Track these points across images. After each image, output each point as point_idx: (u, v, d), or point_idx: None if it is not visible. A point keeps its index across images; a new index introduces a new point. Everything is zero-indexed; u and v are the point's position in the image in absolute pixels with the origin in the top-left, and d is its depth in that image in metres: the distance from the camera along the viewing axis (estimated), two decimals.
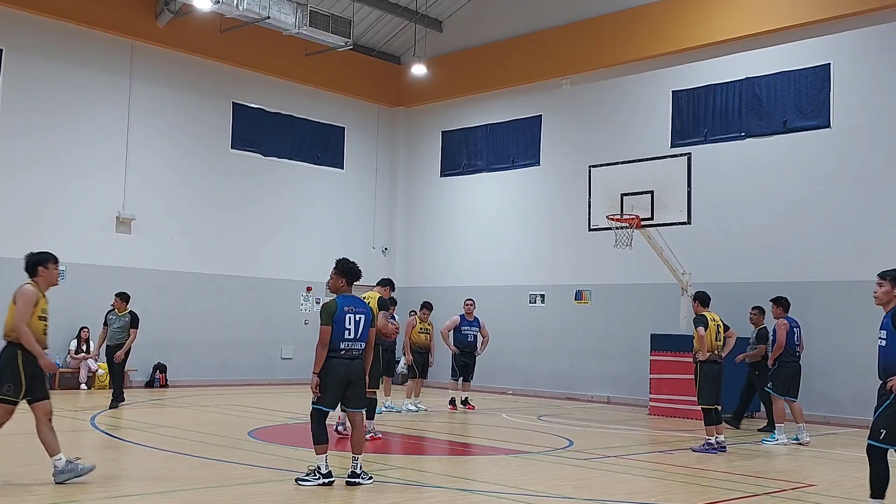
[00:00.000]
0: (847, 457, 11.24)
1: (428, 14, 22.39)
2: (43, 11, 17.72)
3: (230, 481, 8.00)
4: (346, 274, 8.10)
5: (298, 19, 18.58)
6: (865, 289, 15.54)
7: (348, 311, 7.87)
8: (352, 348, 7.90)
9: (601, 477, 8.99)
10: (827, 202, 16.29)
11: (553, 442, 11.58)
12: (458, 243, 22.44)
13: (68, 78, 18.25)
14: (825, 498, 8.06)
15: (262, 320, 20.84)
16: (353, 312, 7.89)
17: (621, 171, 16.18)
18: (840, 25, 16.32)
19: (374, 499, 7.38)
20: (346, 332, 7.84)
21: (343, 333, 7.84)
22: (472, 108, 22.38)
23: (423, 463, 9.94)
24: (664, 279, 16.72)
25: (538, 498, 7.59)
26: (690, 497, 7.87)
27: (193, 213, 20.02)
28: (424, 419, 14.07)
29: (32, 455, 8.99)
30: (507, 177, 21.57)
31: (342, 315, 7.80)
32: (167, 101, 19.74)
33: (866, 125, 15.98)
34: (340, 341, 7.85)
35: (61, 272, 17.83)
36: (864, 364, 15.46)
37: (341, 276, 8.10)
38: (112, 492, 7.42)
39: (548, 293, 20.34)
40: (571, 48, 20.12)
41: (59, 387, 17.18)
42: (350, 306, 7.89)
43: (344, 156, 23.04)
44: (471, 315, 16.02)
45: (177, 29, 19.39)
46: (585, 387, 19.32)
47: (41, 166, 17.78)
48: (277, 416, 13.84)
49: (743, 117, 17.49)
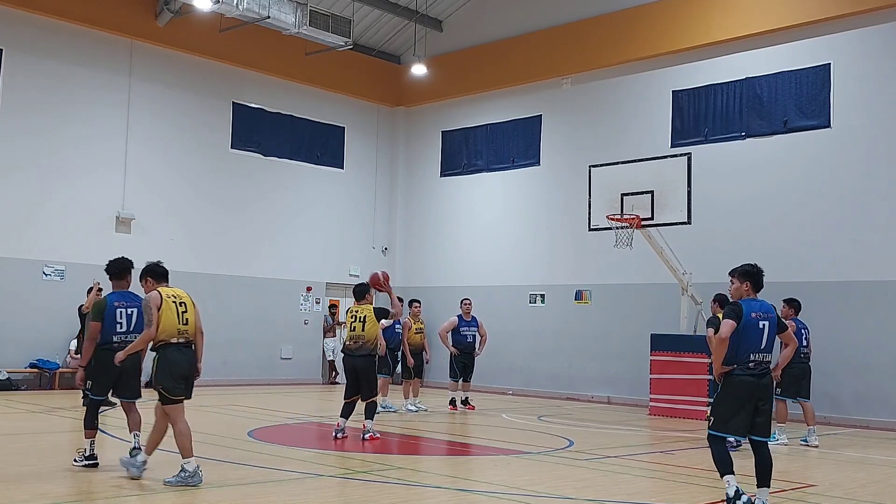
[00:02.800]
0: (848, 457, 11.24)
1: (428, 14, 22.38)
2: (43, 11, 17.72)
3: (230, 481, 8.00)
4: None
5: (298, 19, 18.58)
6: (865, 289, 15.67)
7: (119, 307, 8.41)
8: (125, 340, 8.32)
9: (601, 477, 8.98)
10: (827, 202, 16.29)
11: (553, 442, 11.57)
12: (458, 243, 22.43)
13: (68, 78, 18.25)
14: (826, 498, 8.05)
15: (262, 320, 20.83)
16: (125, 307, 8.41)
17: (621, 170, 16.18)
18: (840, 25, 16.32)
19: (374, 499, 7.37)
20: (119, 326, 8.37)
21: (115, 327, 8.38)
22: (472, 108, 22.38)
23: (423, 463, 9.94)
24: (664, 279, 16.72)
25: (538, 498, 7.59)
26: (690, 497, 7.86)
27: (193, 212, 20.02)
28: (424, 419, 14.06)
29: (32, 455, 8.99)
30: (507, 177, 21.57)
31: (112, 311, 8.34)
32: (167, 101, 19.73)
33: (866, 125, 15.98)
34: (113, 334, 8.39)
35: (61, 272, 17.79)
36: (864, 364, 15.51)
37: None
38: (112, 492, 7.41)
39: (548, 293, 20.34)
40: (571, 48, 20.11)
41: (59, 387, 17.20)
42: (122, 301, 8.41)
43: (344, 156, 23.04)
44: (468, 315, 15.92)
45: (177, 28, 19.38)
46: (585, 387, 19.31)
47: (41, 166, 17.78)
48: (277, 416, 13.84)
49: (743, 117, 17.48)
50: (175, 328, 7.78)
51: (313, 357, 22.06)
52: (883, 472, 9.97)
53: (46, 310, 17.38)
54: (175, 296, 7.91)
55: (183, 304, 7.91)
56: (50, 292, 17.50)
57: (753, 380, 6.87)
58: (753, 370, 6.88)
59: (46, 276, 17.62)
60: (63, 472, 8.00)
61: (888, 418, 15.05)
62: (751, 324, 6.92)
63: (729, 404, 6.91)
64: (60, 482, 7.72)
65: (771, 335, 6.97)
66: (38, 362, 17.28)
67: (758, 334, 6.90)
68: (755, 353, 6.88)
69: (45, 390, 17.09)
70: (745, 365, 6.89)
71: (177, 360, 7.79)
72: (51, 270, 17.68)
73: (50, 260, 17.68)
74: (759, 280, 7.17)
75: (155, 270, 8.17)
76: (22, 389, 16.93)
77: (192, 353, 7.95)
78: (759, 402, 6.85)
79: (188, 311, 7.90)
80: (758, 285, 7.17)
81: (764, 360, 6.93)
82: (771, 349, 6.98)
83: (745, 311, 6.96)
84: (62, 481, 7.77)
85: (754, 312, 6.97)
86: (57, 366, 17.42)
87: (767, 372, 6.94)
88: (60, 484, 7.63)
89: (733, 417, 6.86)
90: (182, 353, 7.84)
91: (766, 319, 6.97)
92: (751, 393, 6.85)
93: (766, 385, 6.90)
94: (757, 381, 6.87)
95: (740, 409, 6.84)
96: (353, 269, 22.94)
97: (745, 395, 6.86)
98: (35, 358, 17.30)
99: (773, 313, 7.05)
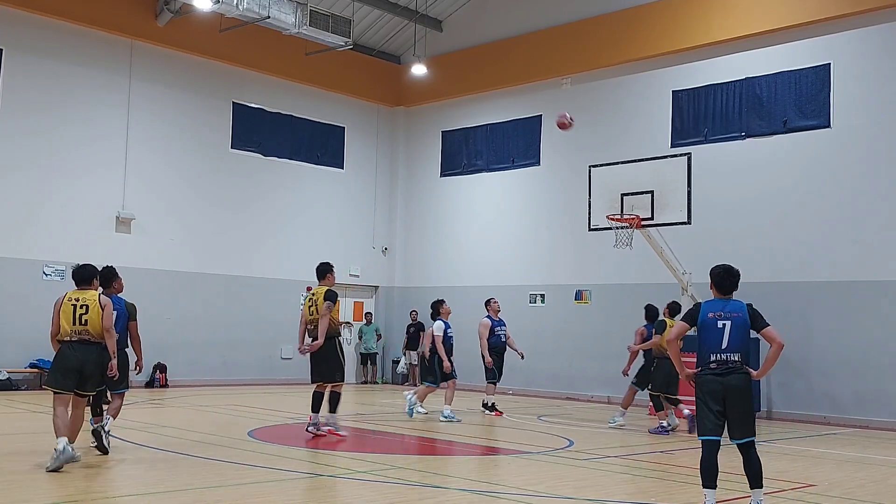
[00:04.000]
0: (847, 457, 11.24)
1: (428, 14, 22.38)
2: (43, 11, 17.72)
3: (230, 481, 8.00)
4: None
5: (298, 19, 18.58)
6: (866, 289, 15.66)
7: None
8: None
9: (601, 477, 8.98)
10: (827, 202, 16.29)
11: (553, 442, 11.57)
12: (458, 243, 22.43)
13: (68, 78, 18.25)
14: (825, 498, 8.05)
15: (262, 320, 20.82)
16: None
17: (621, 170, 16.16)
18: (840, 25, 16.32)
19: (374, 499, 7.38)
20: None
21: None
22: (472, 108, 22.38)
23: (424, 463, 9.94)
24: (664, 279, 16.71)
25: (538, 498, 7.59)
26: (690, 497, 7.86)
27: (193, 212, 20.02)
28: (422, 419, 14.03)
29: (32, 455, 8.99)
30: (508, 177, 21.57)
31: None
32: (167, 101, 19.73)
33: (866, 125, 15.98)
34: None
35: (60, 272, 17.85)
36: (864, 364, 15.51)
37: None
38: (112, 492, 7.42)
39: (548, 293, 20.34)
40: (571, 48, 20.11)
41: None
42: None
43: (344, 156, 23.04)
44: (497, 315, 15.34)
45: (177, 28, 19.38)
46: (585, 387, 19.31)
47: (41, 166, 17.79)
48: (277, 416, 13.84)
49: (743, 117, 17.48)
50: (68, 328, 8.53)
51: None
52: (882, 472, 9.97)
53: (46, 310, 17.07)
54: (78, 299, 8.64)
55: (84, 306, 8.59)
56: (50, 292, 17.36)
57: (716, 379, 6.75)
58: (715, 370, 6.76)
59: (46, 276, 17.62)
60: (63, 472, 8.00)
61: (888, 418, 15.04)
62: (707, 324, 6.83)
63: (698, 406, 6.86)
64: (60, 482, 7.71)
65: (735, 335, 6.77)
66: (38, 362, 17.27)
67: (717, 334, 6.78)
68: (716, 353, 6.76)
69: (45, 390, 17.07)
70: (707, 365, 6.81)
71: (65, 356, 8.49)
72: (51, 270, 17.68)
73: (50, 260, 17.68)
74: (720, 281, 7.03)
75: (74, 275, 8.97)
76: (22, 389, 16.93)
77: (90, 350, 8.53)
78: (728, 402, 6.70)
79: (88, 312, 8.55)
80: (720, 287, 7.02)
81: (728, 360, 6.74)
82: (738, 349, 6.73)
83: (702, 311, 6.91)
84: (62, 481, 7.76)
85: (712, 312, 6.87)
86: None
87: (733, 371, 6.73)
88: (60, 484, 7.63)
89: (703, 419, 6.78)
90: (72, 350, 8.49)
91: (728, 319, 6.81)
92: (714, 392, 6.74)
93: (732, 385, 6.70)
94: (721, 380, 6.73)
95: (707, 410, 6.74)
96: (353, 269, 22.94)
97: (708, 395, 6.75)
98: (35, 358, 17.28)
99: (742, 312, 6.85)
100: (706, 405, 6.78)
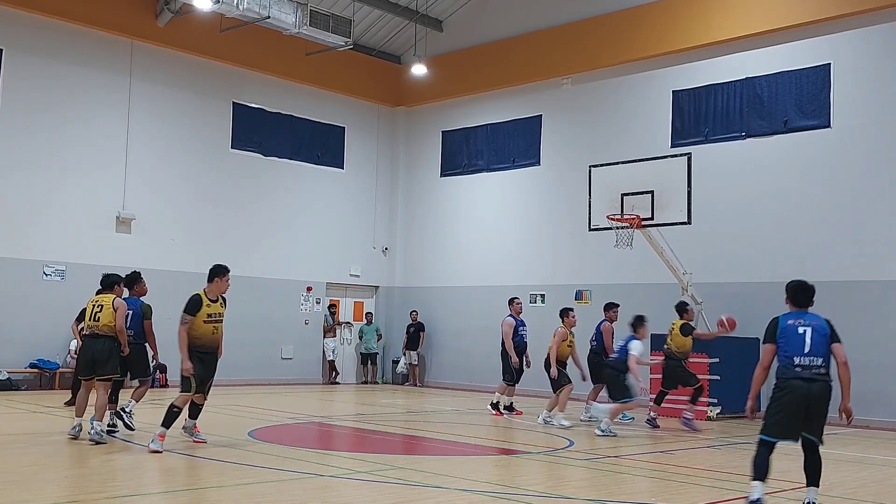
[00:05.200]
0: (848, 457, 11.24)
1: (428, 14, 22.38)
2: (43, 11, 17.72)
3: (230, 481, 8.00)
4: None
5: (298, 19, 18.58)
6: (866, 289, 15.66)
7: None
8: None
9: (601, 477, 8.98)
10: (827, 202, 16.29)
11: (553, 442, 11.57)
12: (458, 243, 22.43)
13: (68, 78, 18.25)
14: (825, 498, 8.05)
15: (263, 320, 20.82)
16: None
17: (621, 170, 16.16)
18: (840, 25, 16.32)
19: (374, 499, 7.37)
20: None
21: None
22: (473, 108, 22.37)
23: (423, 463, 9.93)
24: (664, 279, 16.71)
25: (538, 498, 7.59)
26: (690, 497, 7.86)
27: (193, 212, 20.02)
28: (422, 419, 14.03)
29: (32, 455, 8.99)
30: (508, 177, 21.57)
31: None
32: (167, 101, 19.73)
33: (866, 125, 15.98)
34: None
35: (61, 272, 17.82)
36: (864, 364, 15.46)
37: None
38: (112, 492, 7.42)
39: (548, 293, 20.33)
40: (571, 48, 20.11)
41: (59, 387, 17.19)
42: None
43: (344, 156, 23.04)
44: (519, 314, 15.26)
45: (177, 28, 19.38)
46: (586, 387, 19.25)
47: (41, 166, 17.79)
48: (277, 416, 13.83)
49: (743, 117, 17.48)
50: (85, 324, 10.38)
51: (313, 357, 22.05)
52: (883, 472, 9.97)
53: (46, 310, 17.38)
54: (98, 301, 10.28)
55: (100, 306, 10.18)
56: (50, 292, 17.50)
57: (802, 384, 6.99)
58: (801, 374, 6.99)
59: (46, 276, 17.62)
60: (63, 472, 8.00)
61: (888, 418, 15.04)
62: (788, 331, 7.12)
63: (776, 408, 7.07)
64: (60, 482, 7.71)
65: (817, 339, 7.05)
66: (38, 362, 17.28)
67: (799, 339, 7.05)
68: (799, 356, 7.02)
69: (45, 390, 17.09)
70: (792, 369, 7.02)
71: (82, 348, 10.38)
72: (51, 270, 17.68)
73: (50, 260, 17.68)
74: (794, 296, 7.36)
75: (101, 282, 10.69)
76: (22, 389, 16.93)
77: (99, 342, 10.05)
78: (810, 408, 7.00)
79: (102, 311, 10.11)
80: (795, 301, 7.34)
81: (812, 364, 6.99)
82: (821, 353, 7.02)
83: (780, 322, 7.18)
84: (62, 481, 7.77)
85: (791, 320, 7.19)
86: (57, 366, 17.42)
87: (818, 379, 6.99)
88: (60, 484, 7.63)
89: (778, 422, 7.03)
90: (86, 342, 10.24)
91: (808, 326, 7.11)
92: (797, 399, 6.98)
93: (816, 394, 6.98)
94: (806, 386, 6.98)
95: (786, 414, 7.02)
96: (353, 269, 22.96)
97: (792, 401, 6.99)
98: (35, 358, 17.30)
99: (821, 322, 7.15)
100: (786, 409, 6.97)
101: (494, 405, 15.02)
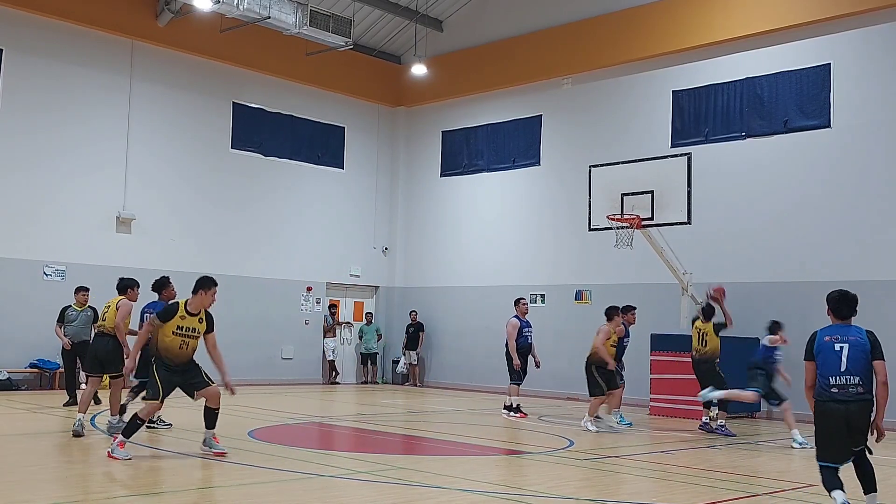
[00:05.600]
0: None
1: (428, 14, 22.38)
2: (43, 11, 17.72)
3: (230, 481, 8.00)
4: None
5: (299, 19, 18.58)
6: (866, 289, 15.57)
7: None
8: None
9: (601, 477, 8.98)
10: (827, 202, 16.29)
11: (553, 442, 11.57)
12: (459, 243, 22.43)
13: (68, 78, 18.25)
14: (825, 498, 8.04)
15: (263, 320, 20.83)
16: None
17: (621, 170, 16.15)
18: (840, 25, 16.32)
19: (374, 499, 7.37)
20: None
21: None
22: (473, 108, 22.38)
23: (423, 463, 9.93)
24: (664, 279, 16.71)
25: (538, 498, 7.59)
26: (690, 497, 7.86)
27: (194, 212, 20.02)
28: (422, 419, 14.03)
29: (32, 455, 8.99)
30: (508, 177, 21.57)
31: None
32: (167, 101, 19.73)
33: (866, 125, 15.98)
34: None
35: (61, 272, 17.85)
36: None
37: None
38: (112, 492, 7.42)
39: (548, 293, 20.33)
40: (571, 48, 20.11)
41: (59, 387, 17.18)
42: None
43: (344, 156, 23.04)
44: (525, 315, 15.17)
45: (177, 29, 19.38)
46: (585, 387, 19.26)
47: (41, 166, 17.79)
48: (277, 416, 13.83)
49: (743, 117, 17.48)
50: (97, 324, 11.63)
51: (314, 357, 22.05)
52: (884, 472, 9.94)
53: (46, 310, 17.28)
54: (109, 302, 11.07)
55: (108, 307, 11.00)
56: (50, 292, 17.48)
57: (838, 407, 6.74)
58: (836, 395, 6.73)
59: (46, 276, 17.62)
60: (63, 472, 8.00)
61: (888, 418, 14.96)
62: (824, 347, 6.84)
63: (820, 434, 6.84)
64: (60, 482, 7.72)
65: (854, 356, 6.78)
66: (38, 362, 17.28)
67: (835, 357, 6.79)
68: (835, 376, 6.75)
69: (45, 390, 17.09)
70: (828, 390, 6.77)
71: (92, 345, 11.38)
72: (51, 270, 17.68)
73: (50, 260, 17.68)
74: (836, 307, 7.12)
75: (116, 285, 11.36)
76: (22, 389, 16.93)
77: (104, 341, 10.85)
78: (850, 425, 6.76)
79: (108, 311, 10.96)
80: (837, 312, 7.09)
81: (849, 383, 6.72)
82: (858, 371, 6.72)
83: (817, 337, 6.91)
84: (62, 481, 7.77)
85: (828, 336, 6.91)
86: (57, 366, 17.38)
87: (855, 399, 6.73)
88: (60, 484, 7.63)
89: (827, 447, 6.80)
90: (94, 340, 11.33)
91: (845, 342, 6.85)
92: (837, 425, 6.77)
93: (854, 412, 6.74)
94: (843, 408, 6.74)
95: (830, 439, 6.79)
96: (353, 269, 22.96)
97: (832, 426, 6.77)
98: (35, 358, 17.29)
99: (862, 336, 6.88)
100: (829, 436, 6.77)
101: (509, 407, 14.82)
